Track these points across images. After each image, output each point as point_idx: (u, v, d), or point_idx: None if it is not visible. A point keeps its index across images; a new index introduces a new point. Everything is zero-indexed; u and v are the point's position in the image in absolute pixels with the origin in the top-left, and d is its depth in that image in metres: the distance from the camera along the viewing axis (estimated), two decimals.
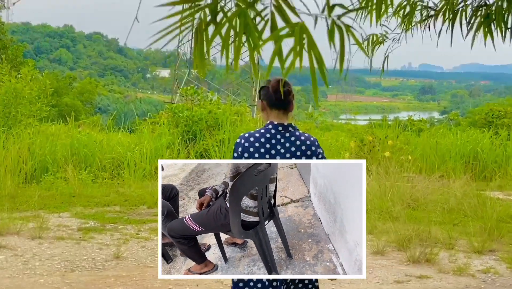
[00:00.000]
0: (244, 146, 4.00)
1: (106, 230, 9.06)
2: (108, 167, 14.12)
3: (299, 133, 4.02)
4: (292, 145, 3.96)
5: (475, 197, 10.92)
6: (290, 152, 3.96)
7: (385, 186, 11.07)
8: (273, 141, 3.97)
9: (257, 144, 3.97)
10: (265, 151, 3.96)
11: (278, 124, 4.00)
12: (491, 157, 16.57)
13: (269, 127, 4.01)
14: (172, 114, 16.13)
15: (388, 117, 74.40)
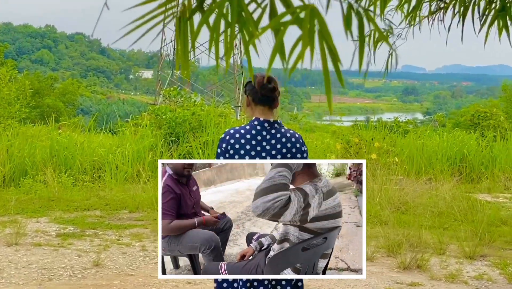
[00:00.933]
0: (230, 142, 4.01)
1: (85, 235, 8.74)
2: (89, 170, 13.78)
3: (285, 130, 4.03)
4: (277, 142, 3.98)
5: (464, 200, 10.70)
6: (275, 149, 3.97)
7: (373, 189, 10.83)
8: (259, 138, 3.98)
9: (243, 140, 3.98)
10: (251, 148, 3.98)
11: (264, 121, 4.00)
12: (478, 158, 16.39)
13: (255, 124, 4.01)
14: (154, 116, 15.81)
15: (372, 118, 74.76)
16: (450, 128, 19.24)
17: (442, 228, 9.52)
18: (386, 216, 9.73)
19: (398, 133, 17.04)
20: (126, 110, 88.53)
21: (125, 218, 9.99)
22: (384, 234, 8.54)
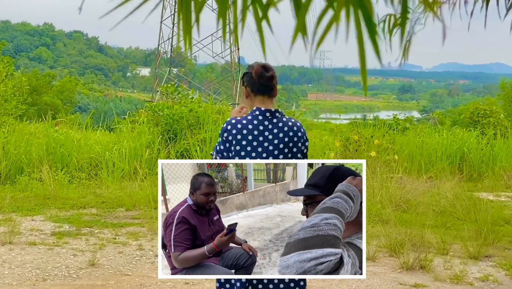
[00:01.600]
0: (231, 132, 3.97)
1: (81, 234, 8.56)
2: (86, 167, 13.62)
3: (286, 119, 4.02)
4: (280, 131, 3.97)
5: (466, 199, 10.53)
6: (278, 138, 3.96)
7: (373, 187, 10.66)
8: (261, 127, 3.96)
9: (245, 131, 3.95)
10: (253, 138, 3.95)
11: (265, 110, 3.98)
12: (478, 156, 16.25)
13: (256, 114, 3.99)
14: (152, 113, 15.64)
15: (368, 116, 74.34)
16: (449, 126, 19.05)
17: (445, 227, 9.35)
18: (387, 215, 9.55)
19: (397, 131, 16.87)
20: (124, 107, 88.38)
21: (122, 216, 9.81)
22: (386, 233, 8.37)
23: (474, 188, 13.47)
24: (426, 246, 8.13)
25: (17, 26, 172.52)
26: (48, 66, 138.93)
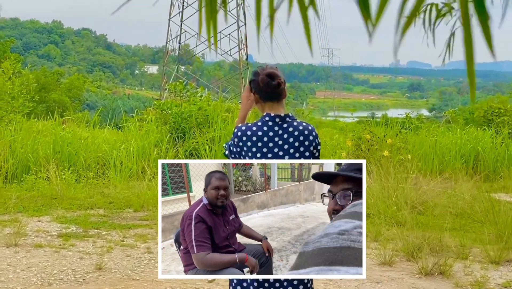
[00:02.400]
0: (242, 139, 3.93)
1: (88, 236, 8.32)
2: (93, 166, 13.39)
3: (297, 123, 3.95)
4: (290, 136, 3.90)
5: (484, 201, 10.23)
6: (288, 143, 3.88)
7: (388, 188, 10.38)
8: (271, 134, 3.90)
9: (254, 138, 3.90)
10: (263, 145, 3.89)
11: (275, 116, 3.92)
12: (492, 156, 15.94)
13: (266, 120, 3.94)
14: (160, 111, 15.39)
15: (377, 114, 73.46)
16: (462, 125, 18.69)
17: (463, 230, 9.07)
18: (403, 217, 9.28)
19: (409, 130, 16.56)
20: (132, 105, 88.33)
21: (130, 217, 9.57)
22: (402, 236, 8.10)
23: (490, 189, 13.14)
24: (444, 250, 7.86)
25: (26, 23, 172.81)
26: (56, 63, 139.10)
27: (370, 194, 10.17)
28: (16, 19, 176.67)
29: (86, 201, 10.58)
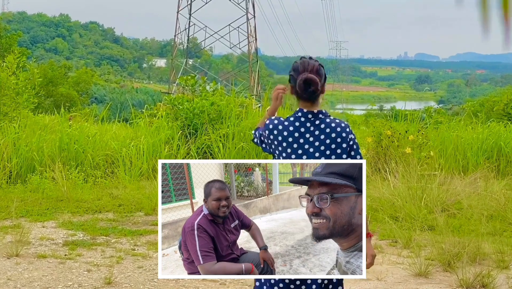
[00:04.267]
0: (273, 132, 3.93)
1: (96, 244, 7.70)
2: (102, 165, 12.78)
3: (330, 120, 3.92)
4: (321, 133, 3.87)
5: None
6: (319, 140, 3.86)
7: (415, 188, 9.73)
8: (302, 129, 3.88)
9: (285, 133, 3.88)
10: (293, 140, 3.87)
11: (307, 112, 3.90)
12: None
13: (299, 115, 3.92)
14: (171, 106, 14.75)
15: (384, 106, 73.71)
16: (483, 119, 17.97)
17: (498, 234, 8.43)
18: (434, 220, 8.65)
19: (429, 125, 15.88)
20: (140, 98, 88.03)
21: (141, 222, 8.95)
22: (435, 242, 7.48)
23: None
24: (481, 258, 7.24)
25: (33, 17, 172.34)
26: (64, 57, 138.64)
27: (397, 194, 9.53)
28: (23, 13, 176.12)
29: (94, 203, 9.97)
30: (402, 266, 7.02)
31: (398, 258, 7.40)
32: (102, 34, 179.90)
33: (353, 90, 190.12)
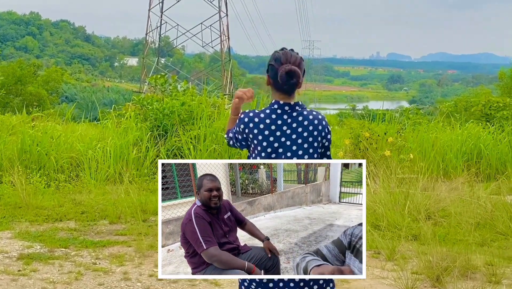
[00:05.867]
0: (248, 125, 3.85)
1: (54, 257, 7.03)
2: (66, 168, 12.10)
3: (307, 112, 3.88)
4: (299, 125, 3.82)
5: (504, 207, 9.08)
6: (296, 133, 3.82)
7: (395, 194, 9.20)
8: (279, 122, 3.81)
9: (262, 126, 3.82)
10: (270, 133, 3.81)
11: (284, 104, 3.85)
12: (495, 154, 14.82)
13: (275, 107, 3.86)
14: (140, 107, 14.09)
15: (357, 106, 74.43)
16: (461, 119, 17.53)
17: (487, 244, 7.92)
18: (418, 229, 8.12)
19: (408, 126, 15.40)
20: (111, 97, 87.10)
21: (105, 232, 8.30)
22: (422, 254, 6.95)
23: (498, 191, 12.00)
24: (471, 271, 6.72)
25: (3, 15, 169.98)
26: (34, 55, 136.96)
27: (378, 201, 8.99)
28: None
29: (55, 210, 9.28)
30: (387, 281, 6.47)
31: (382, 271, 6.85)
32: (73, 32, 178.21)
33: (326, 90, 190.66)
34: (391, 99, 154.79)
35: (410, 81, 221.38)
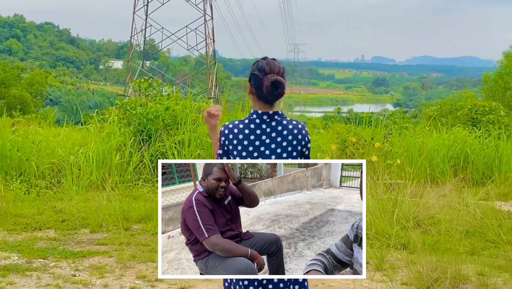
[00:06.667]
0: (228, 137, 3.83)
1: (32, 269, 6.79)
2: (47, 174, 11.85)
3: (286, 121, 3.85)
4: (278, 135, 3.80)
5: (492, 214, 8.93)
6: (275, 142, 3.79)
7: (386, 202, 9.02)
8: (258, 131, 3.80)
9: (241, 136, 3.80)
10: (249, 143, 3.79)
11: (262, 114, 3.83)
12: (481, 158, 14.70)
13: (253, 117, 3.84)
14: (123, 111, 13.83)
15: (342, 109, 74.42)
16: (447, 123, 17.40)
17: (477, 253, 7.75)
18: (407, 237, 7.95)
19: (395, 131, 15.24)
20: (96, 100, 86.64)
21: (85, 241, 8.06)
22: (411, 263, 6.77)
23: (487, 197, 11.87)
24: (462, 282, 6.55)
25: None
26: (18, 58, 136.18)
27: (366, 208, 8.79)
28: None
29: (34, 219, 9.02)
30: None
31: (371, 282, 6.66)
32: (57, 35, 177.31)
33: (311, 93, 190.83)
34: (375, 102, 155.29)
35: (395, 84, 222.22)
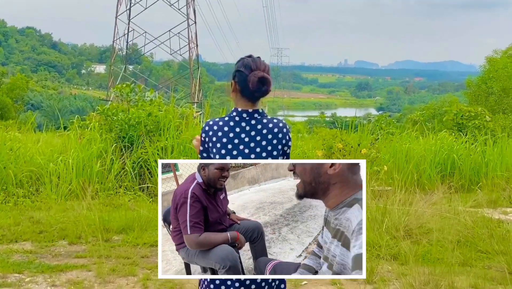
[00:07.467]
0: (208, 134, 3.80)
1: (6, 285, 6.45)
2: (25, 182, 11.50)
3: (267, 120, 3.81)
4: (257, 134, 3.76)
5: (483, 223, 8.71)
6: (254, 141, 3.75)
7: (375, 211, 8.77)
8: (237, 129, 3.76)
9: (220, 133, 3.77)
10: (228, 141, 3.75)
11: (242, 112, 3.80)
12: (468, 164, 14.50)
13: (233, 115, 3.81)
14: (104, 117, 13.49)
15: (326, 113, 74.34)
16: (433, 129, 17.21)
17: (469, 264, 7.52)
18: (397, 248, 7.70)
19: (381, 136, 15.03)
20: (78, 105, 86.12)
21: (63, 254, 7.74)
22: (402, 275, 6.52)
23: (477, 204, 11.65)
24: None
25: None
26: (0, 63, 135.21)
27: None
28: None
29: (10, 230, 8.67)
30: None
31: None
32: (39, 39, 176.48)
33: (294, 97, 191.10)
34: (359, 106, 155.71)
35: (378, 89, 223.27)
